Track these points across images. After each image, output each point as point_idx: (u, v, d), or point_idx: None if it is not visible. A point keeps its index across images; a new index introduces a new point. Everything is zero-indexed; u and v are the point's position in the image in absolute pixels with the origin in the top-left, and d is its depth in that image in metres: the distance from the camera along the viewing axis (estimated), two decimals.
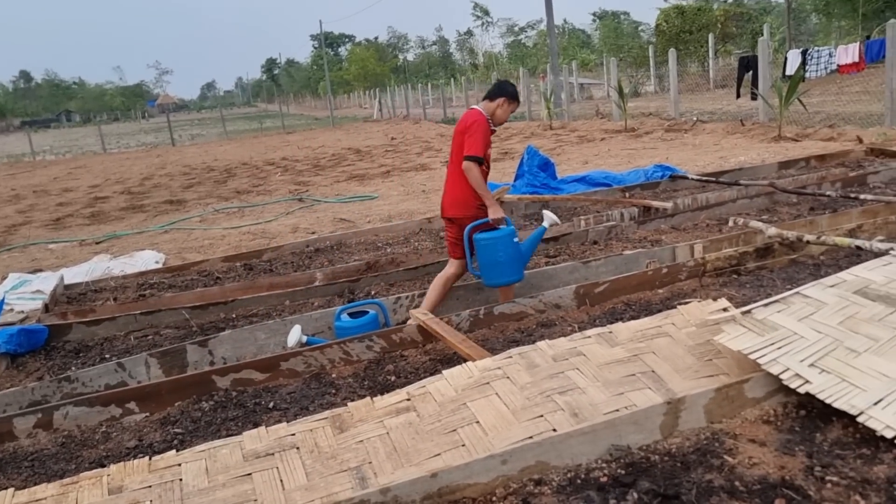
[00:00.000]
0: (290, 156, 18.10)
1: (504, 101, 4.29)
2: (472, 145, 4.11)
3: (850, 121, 11.96)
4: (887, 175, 6.86)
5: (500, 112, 4.31)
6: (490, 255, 4.08)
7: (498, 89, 4.34)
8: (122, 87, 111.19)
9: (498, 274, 4.14)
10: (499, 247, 4.07)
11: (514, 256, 4.11)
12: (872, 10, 22.14)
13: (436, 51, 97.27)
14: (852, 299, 3.22)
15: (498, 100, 4.29)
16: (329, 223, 7.92)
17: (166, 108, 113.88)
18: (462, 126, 4.27)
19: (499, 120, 4.36)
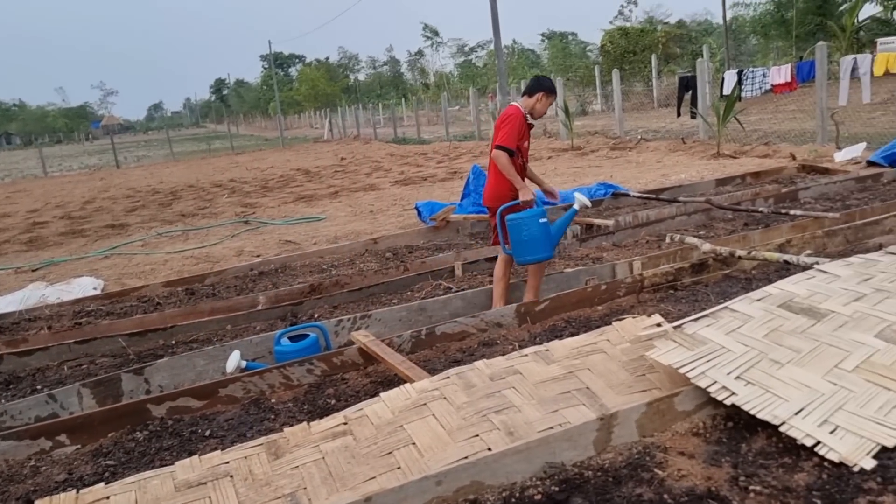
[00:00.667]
0: (238, 177, 17.90)
1: (542, 96, 4.50)
2: (504, 136, 4.39)
3: (786, 138, 12.40)
4: (816, 191, 7.13)
5: (539, 106, 4.52)
6: (519, 233, 4.32)
7: (537, 84, 4.56)
8: (66, 108, 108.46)
9: (527, 251, 4.35)
10: (526, 226, 4.30)
11: (542, 235, 4.32)
12: (805, 32, 23.10)
13: (387, 71, 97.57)
14: (777, 312, 3.33)
15: (537, 94, 4.50)
16: (274, 245, 7.85)
17: (111, 130, 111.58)
18: (500, 120, 4.53)
19: (538, 113, 4.57)
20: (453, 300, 4.63)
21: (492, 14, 20.10)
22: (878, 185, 7.27)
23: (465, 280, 5.55)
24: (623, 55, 27.34)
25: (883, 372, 2.74)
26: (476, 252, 6.13)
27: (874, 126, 12.00)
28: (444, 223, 7.09)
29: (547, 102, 4.55)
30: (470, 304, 4.63)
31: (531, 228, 4.29)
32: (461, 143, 20.68)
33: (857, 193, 7.07)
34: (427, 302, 4.59)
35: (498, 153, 4.37)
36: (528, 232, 4.29)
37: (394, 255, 6.64)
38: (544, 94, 4.51)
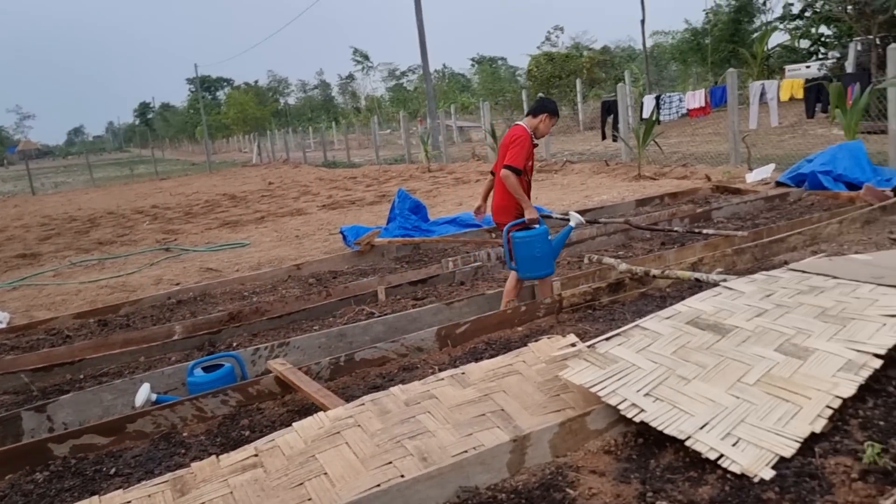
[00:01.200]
0: (161, 203, 17.43)
1: (546, 117, 4.71)
2: (513, 157, 4.55)
3: (703, 160, 12.88)
4: (729, 210, 7.41)
5: (542, 126, 4.72)
6: (527, 251, 4.56)
7: (541, 106, 4.78)
8: None
9: (534, 268, 4.63)
10: (535, 244, 4.56)
11: (547, 252, 4.61)
12: (720, 58, 24.17)
13: (317, 94, 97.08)
14: (685, 329, 3.43)
15: (541, 116, 4.70)
16: (195, 273, 7.65)
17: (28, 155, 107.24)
18: (508, 139, 4.69)
19: (541, 134, 4.75)
20: (374, 325, 4.59)
21: (419, 39, 20.29)
22: (784, 205, 7.62)
23: (388, 304, 5.52)
24: (549, 79, 28.02)
25: (781, 384, 2.84)
26: (400, 276, 6.12)
27: (783, 148, 12.60)
28: (368, 247, 7.06)
29: (550, 123, 4.77)
30: (391, 328, 4.60)
31: (542, 246, 4.58)
32: (391, 167, 20.70)
33: (765, 212, 7.39)
34: (347, 328, 4.54)
35: (507, 173, 4.54)
36: (539, 249, 4.57)
37: (317, 281, 6.56)
38: (548, 116, 4.72)
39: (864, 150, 7.94)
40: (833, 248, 5.63)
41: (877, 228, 5.98)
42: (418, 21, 20.06)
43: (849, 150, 7.96)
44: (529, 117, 4.78)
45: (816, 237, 5.76)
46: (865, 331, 3.20)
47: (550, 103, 4.90)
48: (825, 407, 2.68)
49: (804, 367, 2.94)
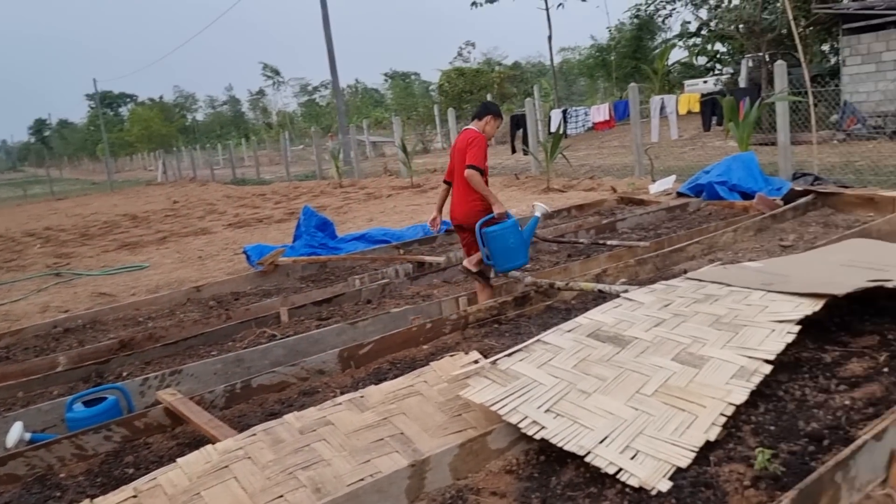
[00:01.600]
0: (55, 225, 16.49)
1: (490, 118, 4.90)
2: (474, 156, 4.71)
3: (610, 172, 13.21)
4: (633, 221, 7.58)
5: (489, 128, 4.90)
6: (501, 243, 4.70)
7: (484, 109, 4.98)
8: None
9: (509, 259, 4.76)
10: (508, 235, 4.71)
11: (520, 242, 4.76)
12: (623, 74, 25.02)
13: (227, 110, 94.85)
14: (586, 342, 3.42)
15: (485, 118, 4.90)
16: (86, 299, 7.20)
17: None
18: (463, 143, 4.84)
19: (488, 135, 4.92)
20: (274, 349, 4.40)
21: (329, 55, 20.09)
22: (685, 214, 7.85)
23: (291, 326, 5.32)
24: (460, 94, 28.29)
25: (678, 394, 2.85)
26: (305, 296, 5.94)
27: (684, 160, 13.08)
28: (272, 267, 6.83)
29: (495, 125, 4.94)
30: (292, 351, 4.42)
31: (514, 237, 4.73)
32: (302, 183, 20.32)
33: (667, 222, 7.59)
34: (244, 352, 4.33)
35: (471, 172, 4.68)
36: (513, 240, 4.71)
37: (218, 304, 6.28)
38: (492, 117, 4.91)
39: (756, 161, 8.29)
40: (729, 255, 5.81)
41: (768, 236, 6.23)
42: (327, 36, 19.88)
43: (742, 161, 8.30)
44: (476, 121, 4.95)
45: (713, 246, 5.94)
46: (756, 337, 3.27)
47: (493, 106, 5.09)
48: (719, 415, 2.71)
49: (699, 375, 2.97)
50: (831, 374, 3.22)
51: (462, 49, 59.14)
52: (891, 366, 3.21)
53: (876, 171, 9.35)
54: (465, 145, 4.81)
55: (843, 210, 6.67)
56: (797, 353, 3.50)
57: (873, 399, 2.91)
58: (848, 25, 15.21)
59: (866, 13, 14.81)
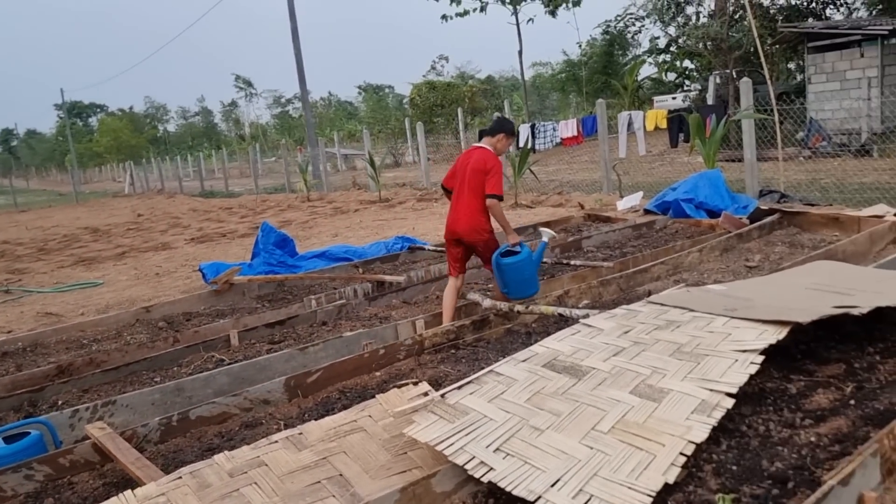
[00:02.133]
0: (12, 238, 16.00)
1: (503, 137, 4.91)
2: (495, 185, 4.73)
3: (579, 187, 13.13)
4: (598, 239, 7.46)
5: (500, 146, 4.92)
6: (518, 275, 4.75)
7: (498, 126, 4.97)
8: None
9: (524, 289, 4.80)
10: (524, 268, 4.76)
11: (534, 272, 4.83)
12: (594, 89, 25.11)
13: (199, 121, 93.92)
14: (540, 373, 3.24)
15: (498, 135, 4.90)
16: (31, 319, 6.88)
17: None
18: (481, 165, 4.76)
19: (499, 152, 4.92)
20: (217, 377, 4.16)
21: (297, 67, 19.88)
22: (651, 232, 7.75)
23: (241, 350, 5.08)
24: (432, 108, 28.17)
25: (636, 430, 2.68)
26: (258, 317, 5.70)
27: (653, 176, 13.05)
28: (227, 286, 6.57)
29: (507, 143, 4.95)
30: (237, 379, 4.19)
31: (530, 268, 4.77)
32: (270, 196, 20.02)
33: (633, 241, 7.48)
34: (185, 381, 4.09)
35: (493, 202, 4.74)
36: (528, 272, 4.76)
37: (168, 325, 6.01)
38: (504, 136, 4.90)
39: (722, 179, 8.23)
40: (694, 276, 5.70)
41: (734, 256, 6.13)
42: (296, 49, 19.66)
43: (708, 178, 8.24)
44: (487, 137, 4.93)
45: (679, 266, 5.82)
46: (718, 368, 3.12)
47: (508, 123, 5.06)
48: (678, 454, 2.54)
49: (658, 410, 2.81)
50: (796, 407, 3.08)
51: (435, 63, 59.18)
52: (857, 397, 3.09)
53: (841, 188, 9.36)
54: (482, 168, 4.75)
55: (808, 229, 6.60)
56: (762, 384, 3.37)
57: (839, 435, 2.77)
58: (813, 44, 15.38)
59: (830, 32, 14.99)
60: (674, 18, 22.99)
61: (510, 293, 4.82)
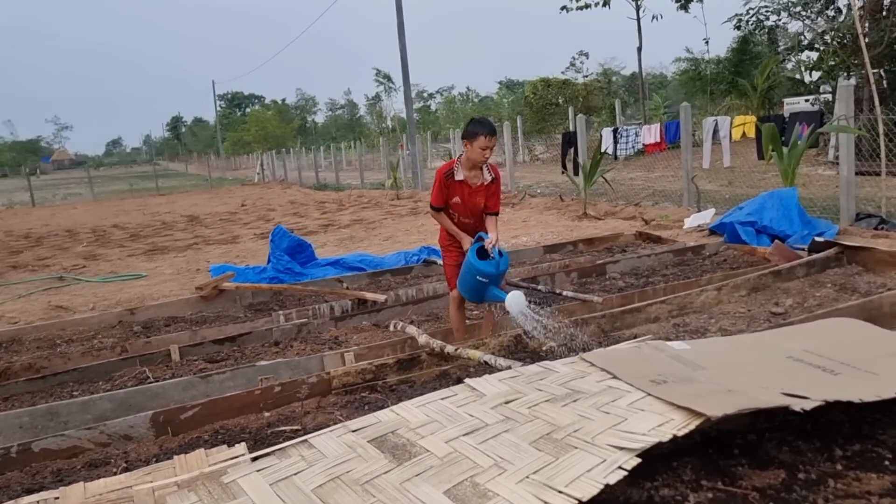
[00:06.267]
0: (125, 222, 17.02)
1: (465, 143, 4.33)
2: (432, 196, 4.60)
3: (663, 198, 12.00)
4: (628, 264, 6.58)
5: (469, 154, 4.33)
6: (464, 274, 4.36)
7: (462, 132, 4.39)
8: (15, 142, 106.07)
9: (468, 293, 4.40)
10: (465, 271, 4.33)
11: (475, 283, 4.28)
12: (720, 90, 23.15)
13: (344, 113, 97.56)
14: (362, 449, 2.65)
15: (463, 143, 4.36)
16: (41, 311, 7.01)
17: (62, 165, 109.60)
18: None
19: (475, 161, 4.34)
20: (99, 402, 3.87)
21: (402, 62, 19.74)
22: (697, 259, 6.75)
23: (183, 366, 4.80)
24: (545, 106, 27.21)
25: None
26: (218, 330, 5.41)
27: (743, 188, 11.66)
28: (215, 292, 6.36)
29: (474, 148, 4.26)
30: (122, 406, 3.88)
31: (470, 278, 4.28)
32: (367, 192, 20.08)
33: (671, 267, 6.54)
34: (61, 405, 3.82)
35: (431, 212, 4.70)
36: (469, 279, 4.29)
37: (145, 330, 5.87)
38: (467, 141, 4.31)
39: (796, 200, 7.06)
40: (700, 321, 4.79)
41: (763, 298, 5.12)
42: (401, 44, 19.54)
43: (780, 198, 7.09)
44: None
45: (686, 307, 4.92)
46: (576, 468, 2.40)
47: (469, 124, 4.38)
48: None
49: None
50: None
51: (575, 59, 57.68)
52: None
53: None
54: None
55: (873, 269, 5.42)
56: (654, 489, 2.60)
57: None
58: None
59: None
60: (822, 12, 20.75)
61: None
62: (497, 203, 4.63)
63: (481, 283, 4.22)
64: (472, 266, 4.23)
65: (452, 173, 4.41)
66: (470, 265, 4.24)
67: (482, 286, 4.24)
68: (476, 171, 4.43)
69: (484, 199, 4.50)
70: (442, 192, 4.44)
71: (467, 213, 4.51)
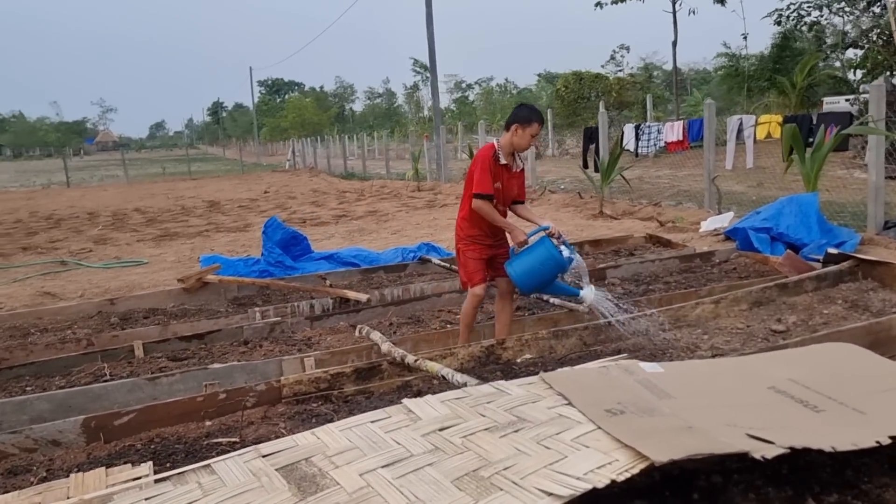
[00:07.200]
0: (146, 206, 17.07)
1: (517, 128, 4.17)
2: (478, 182, 4.18)
3: (696, 198, 11.53)
4: (630, 269, 6.22)
5: (517, 140, 4.20)
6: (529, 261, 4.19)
7: (512, 116, 4.25)
8: (60, 123, 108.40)
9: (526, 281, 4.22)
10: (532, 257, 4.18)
11: (541, 270, 4.17)
12: (758, 87, 22.35)
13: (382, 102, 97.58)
14: (267, 479, 2.38)
15: (512, 127, 4.19)
16: (28, 298, 6.91)
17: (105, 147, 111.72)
18: (471, 165, 4.35)
19: (519, 147, 4.27)
20: (36, 402, 3.68)
21: (429, 53, 19.46)
22: (705, 266, 6.35)
23: (144, 364, 4.61)
24: (577, 101, 26.61)
25: None
26: (189, 326, 5.21)
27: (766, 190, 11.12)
28: (198, 284, 6.18)
29: (524, 134, 4.17)
30: (62, 407, 3.69)
31: (535, 263, 4.16)
32: (390, 183, 19.86)
33: (675, 275, 6.15)
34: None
35: (478, 203, 4.18)
36: (535, 266, 4.15)
37: (121, 322, 5.71)
38: (518, 126, 4.16)
39: (816, 206, 6.61)
40: (693, 336, 4.43)
41: (766, 312, 4.73)
42: (429, 34, 19.24)
43: (799, 204, 6.65)
44: (504, 132, 4.28)
45: (679, 320, 4.57)
46: None
47: (522, 110, 4.28)
48: None
49: None
50: None
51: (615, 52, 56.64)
52: None
53: None
54: (471, 167, 4.33)
55: (890, 285, 4.97)
56: None
57: None
58: None
59: None
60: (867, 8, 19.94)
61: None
62: (524, 191, 4.55)
63: (555, 275, 4.16)
64: (553, 257, 4.09)
65: (498, 157, 4.23)
66: (551, 256, 4.09)
67: (553, 278, 4.18)
68: (511, 157, 4.31)
69: (517, 186, 4.40)
70: (490, 177, 4.17)
71: (505, 200, 4.34)
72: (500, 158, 4.22)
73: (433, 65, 19.48)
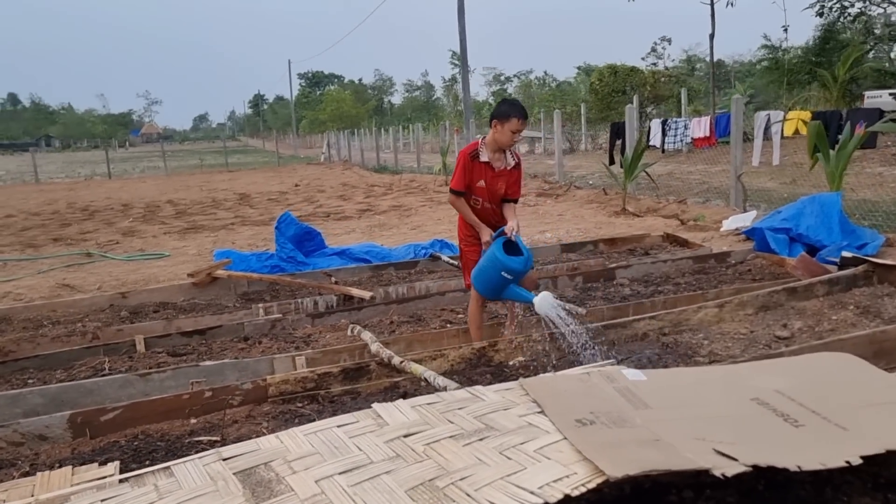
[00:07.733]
0: (179, 199, 17.34)
1: (496, 124, 4.12)
2: (452, 179, 4.31)
3: (724, 195, 11.28)
4: (641, 270, 6.10)
5: (498, 136, 4.14)
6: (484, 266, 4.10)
7: (493, 111, 4.22)
8: (107, 115, 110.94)
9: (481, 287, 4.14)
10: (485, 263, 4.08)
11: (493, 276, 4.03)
12: (799, 80, 21.72)
13: (420, 95, 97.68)
14: (222, 483, 2.38)
15: (492, 123, 4.16)
16: (47, 289, 7.05)
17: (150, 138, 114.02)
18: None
19: (501, 144, 4.17)
20: (29, 397, 3.76)
21: (461, 46, 19.38)
22: (719, 267, 6.19)
23: (145, 359, 4.67)
24: (611, 94, 26.20)
25: None
26: (193, 321, 5.27)
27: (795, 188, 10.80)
28: (208, 279, 6.24)
29: (504, 130, 4.07)
30: (54, 401, 3.76)
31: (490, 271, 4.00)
32: (419, 177, 19.84)
33: (688, 276, 6.01)
34: None
35: (450, 198, 4.35)
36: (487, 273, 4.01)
37: (131, 315, 5.80)
38: (497, 122, 4.10)
39: (839, 206, 6.39)
40: (695, 340, 4.32)
41: (772, 317, 4.59)
42: (460, 27, 19.14)
43: (821, 204, 6.44)
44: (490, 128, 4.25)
45: (681, 324, 4.46)
46: None
47: (501, 105, 4.22)
48: None
49: None
50: None
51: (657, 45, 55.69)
52: None
53: None
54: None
55: None
56: None
57: None
58: None
59: None
60: None
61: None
62: (518, 190, 4.40)
63: (505, 279, 3.91)
64: (497, 261, 3.90)
65: (477, 154, 4.20)
66: (495, 260, 3.91)
67: (504, 283, 3.93)
68: (499, 154, 4.23)
69: (505, 184, 4.28)
70: (465, 175, 4.19)
71: (491, 197, 4.27)
72: (481, 156, 4.18)
73: (464, 57, 19.42)
